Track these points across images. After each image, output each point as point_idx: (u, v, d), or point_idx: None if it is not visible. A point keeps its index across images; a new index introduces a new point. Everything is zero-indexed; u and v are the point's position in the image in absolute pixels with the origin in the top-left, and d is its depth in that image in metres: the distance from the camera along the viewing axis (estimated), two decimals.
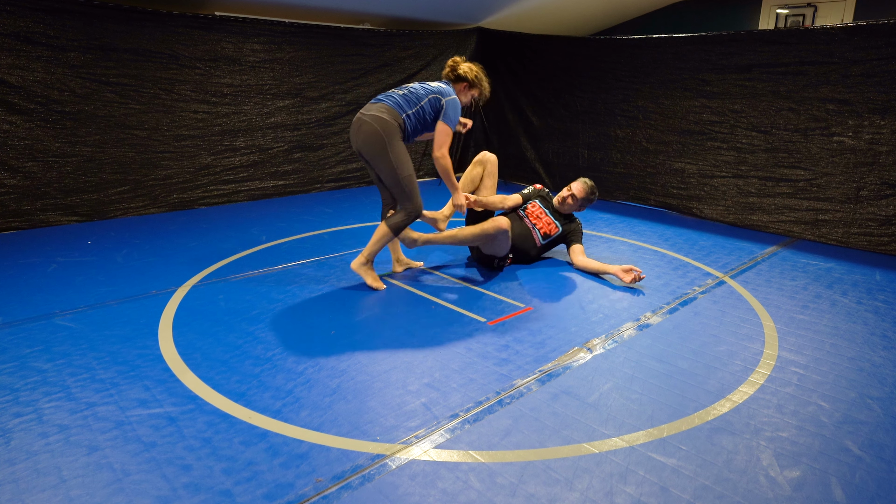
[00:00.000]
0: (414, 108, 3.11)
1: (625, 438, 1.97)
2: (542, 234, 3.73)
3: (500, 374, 2.40)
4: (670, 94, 5.20)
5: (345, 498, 1.67)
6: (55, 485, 1.71)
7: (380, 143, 3.02)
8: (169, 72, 4.94)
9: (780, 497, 1.70)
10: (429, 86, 3.19)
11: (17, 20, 4.21)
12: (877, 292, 3.40)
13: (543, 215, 3.77)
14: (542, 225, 3.74)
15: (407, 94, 3.14)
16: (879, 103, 4.07)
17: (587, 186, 3.72)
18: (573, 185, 3.73)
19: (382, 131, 3.01)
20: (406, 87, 3.19)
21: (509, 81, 6.69)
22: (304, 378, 2.34)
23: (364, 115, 3.06)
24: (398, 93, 3.14)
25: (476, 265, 3.77)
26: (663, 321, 2.95)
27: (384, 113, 3.04)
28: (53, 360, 2.46)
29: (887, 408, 2.19)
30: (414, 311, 3.04)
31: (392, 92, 3.17)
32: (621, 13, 8.45)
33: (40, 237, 4.27)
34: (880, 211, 4.16)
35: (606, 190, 5.90)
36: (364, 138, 3.04)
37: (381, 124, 3.01)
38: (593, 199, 3.77)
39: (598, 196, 3.81)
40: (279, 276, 3.51)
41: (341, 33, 5.94)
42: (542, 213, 3.78)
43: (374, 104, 3.11)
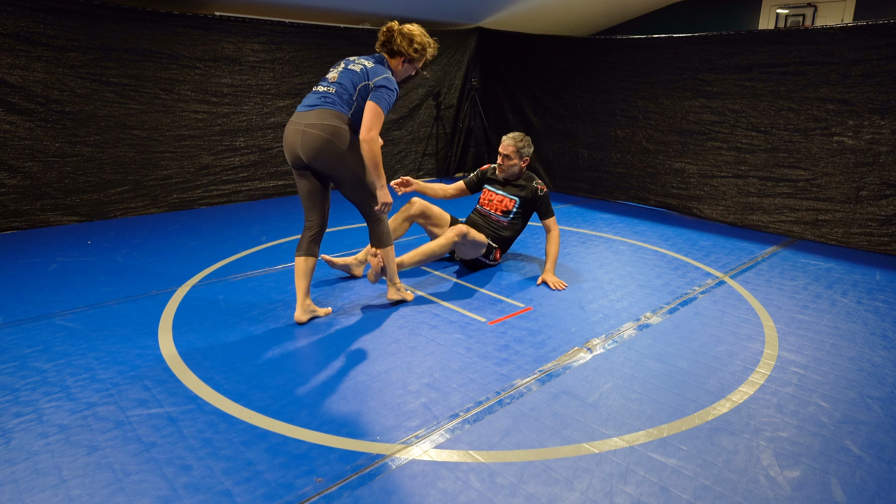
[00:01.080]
0: (350, 106, 2.73)
1: (625, 438, 1.97)
2: (500, 213, 3.67)
3: (500, 374, 2.40)
4: (670, 94, 5.20)
5: (345, 498, 1.67)
6: (55, 485, 1.71)
7: (335, 149, 2.66)
8: (169, 72, 4.95)
9: (780, 497, 1.70)
10: (355, 72, 2.74)
11: (17, 20, 4.21)
12: (877, 292, 3.40)
13: (494, 196, 3.71)
14: (497, 205, 3.69)
15: (339, 90, 2.72)
16: (879, 103, 4.07)
17: (513, 139, 3.59)
18: (501, 147, 3.61)
19: (334, 138, 2.65)
20: (334, 83, 2.74)
21: (509, 81, 6.69)
22: (304, 378, 2.34)
23: (309, 127, 2.65)
24: (330, 91, 2.72)
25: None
26: (663, 321, 2.95)
27: (330, 118, 2.66)
28: (53, 360, 2.46)
29: (887, 408, 2.19)
30: (414, 311, 3.04)
31: (323, 92, 2.73)
32: (621, 13, 8.45)
33: (40, 237, 4.27)
34: (880, 211, 4.16)
35: (606, 190, 5.90)
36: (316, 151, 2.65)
37: (331, 131, 2.65)
38: (526, 145, 3.61)
39: (530, 142, 3.65)
40: (279, 276, 3.51)
41: (341, 33, 5.94)
42: (493, 194, 3.73)
43: (312, 111, 2.68)
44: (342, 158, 2.69)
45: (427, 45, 2.90)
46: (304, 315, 2.87)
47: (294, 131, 2.69)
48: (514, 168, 3.63)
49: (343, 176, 2.75)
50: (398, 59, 2.86)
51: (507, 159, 3.60)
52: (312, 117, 2.66)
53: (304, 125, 2.66)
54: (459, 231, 3.34)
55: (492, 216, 3.70)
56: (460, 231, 3.34)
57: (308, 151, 2.66)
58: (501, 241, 3.70)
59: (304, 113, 2.70)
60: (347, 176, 2.75)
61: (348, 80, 2.74)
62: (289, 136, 2.72)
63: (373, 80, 2.71)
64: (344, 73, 2.76)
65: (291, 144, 2.71)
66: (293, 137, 2.70)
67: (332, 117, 2.67)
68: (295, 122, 2.71)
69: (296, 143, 2.68)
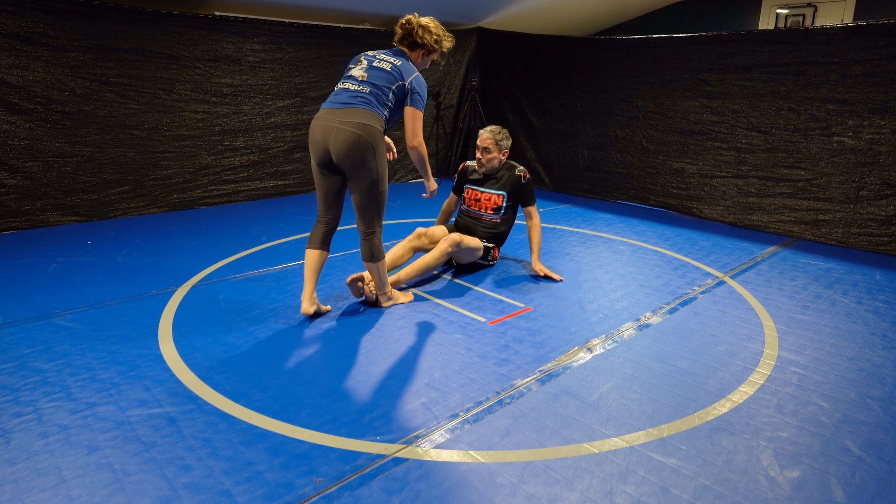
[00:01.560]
0: (387, 108, 2.76)
1: (625, 438, 1.97)
2: (491, 211, 3.62)
3: (500, 374, 2.39)
4: (670, 94, 5.20)
5: (345, 498, 1.67)
6: (55, 485, 1.71)
7: (368, 151, 2.66)
8: (169, 72, 4.95)
9: (780, 497, 1.70)
10: (384, 70, 2.74)
11: (17, 20, 4.21)
12: (877, 292, 3.40)
13: (481, 195, 3.65)
14: (485, 204, 3.63)
15: (373, 90, 2.72)
16: (879, 103, 4.07)
17: (490, 131, 3.55)
18: (479, 141, 3.57)
19: (371, 139, 2.66)
20: (366, 82, 2.73)
21: (509, 81, 6.69)
22: (304, 378, 2.34)
23: (344, 125, 2.63)
24: (364, 91, 2.71)
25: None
26: (663, 321, 2.95)
27: (368, 118, 2.67)
28: (53, 360, 2.46)
29: (887, 408, 2.19)
30: (414, 311, 3.04)
31: (356, 91, 2.72)
32: (621, 13, 8.45)
33: (40, 237, 4.27)
34: (880, 211, 4.16)
35: (606, 190, 5.90)
36: (349, 148, 2.64)
37: (369, 132, 2.65)
38: (504, 137, 3.57)
39: (507, 134, 3.61)
40: (279, 276, 3.51)
41: (341, 33, 5.94)
42: (478, 193, 3.66)
43: (348, 109, 2.67)
44: (372, 159, 2.68)
45: (444, 36, 2.94)
46: (312, 306, 2.86)
47: (326, 127, 2.66)
48: (493, 161, 3.58)
49: (366, 177, 2.72)
50: (419, 52, 2.89)
51: (487, 152, 3.55)
52: (349, 115, 2.64)
53: (339, 122, 2.64)
54: (452, 241, 3.32)
55: (483, 216, 3.65)
56: (453, 241, 3.32)
57: (341, 148, 2.63)
58: (498, 237, 3.69)
59: (339, 110, 2.67)
60: (369, 178, 2.72)
61: (382, 79, 2.73)
62: (318, 133, 2.68)
63: (407, 79, 2.75)
64: (373, 71, 2.75)
65: (321, 141, 2.68)
66: (324, 133, 2.66)
67: (369, 117, 2.67)
68: (327, 119, 2.67)
69: (328, 140, 2.65)
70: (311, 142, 2.73)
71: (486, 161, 3.57)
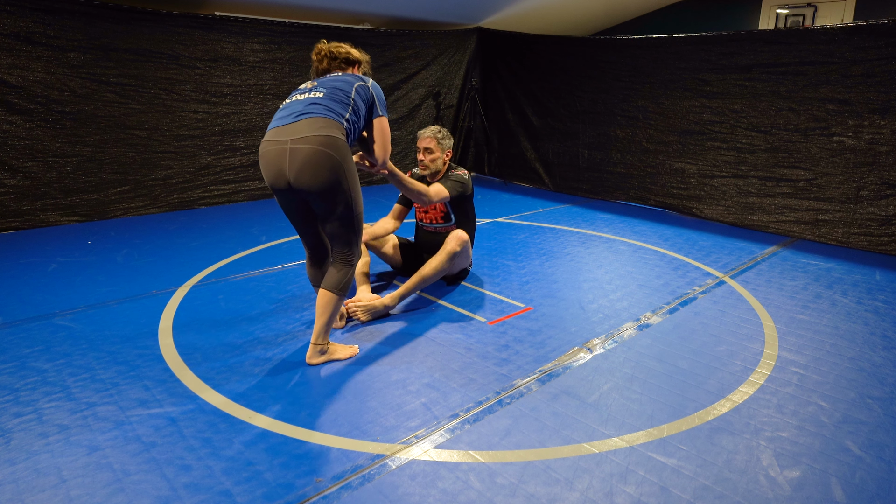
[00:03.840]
0: (349, 110, 2.30)
1: (625, 438, 1.97)
2: (440, 220, 3.39)
3: (500, 374, 2.39)
4: (670, 94, 5.20)
5: (345, 498, 1.67)
6: (55, 485, 1.71)
7: (336, 170, 2.20)
8: (169, 72, 4.95)
9: (780, 497, 1.70)
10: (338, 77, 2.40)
11: (17, 20, 4.21)
12: (877, 292, 3.40)
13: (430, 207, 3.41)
14: (434, 215, 3.41)
15: (331, 94, 2.30)
16: (879, 103, 4.07)
17: (430, 130, 3.31)
18: (419, 142, 3.31)
19: (336, 153, 2.19)
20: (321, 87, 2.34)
21: (509, 81, 6.69)
22: (304, 378, 2.34)
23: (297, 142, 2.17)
24: (318, 96, 2.29)
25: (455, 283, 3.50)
26: (663, 321, 2.95)
27: (326, 128, 2.20)
28: (53, 360, 2.46)
29: (887, 408, 2.19)
30: (414, 311, 3.04)
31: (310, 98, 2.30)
32: (621, 13, 8.45)
33: (40, 237, 4.27)
34: (880, 211, 4.16)
35: (606, 190, 5.90)
36: (311, 171, 2.17)
37: (330, 144, 2.18)
38: (445, 136, 3.33)
39: (448, 133, 3.36)
40: (279, 276, 3.51)
41: (341, 33, 5.94)
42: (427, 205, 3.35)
43: (298, 122, 2.21)
44: (342, 179, 2.24)
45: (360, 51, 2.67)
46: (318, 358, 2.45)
47: (277, 152, 2.20)
48: (437, 162, 3.30)
49: (338, 201, 2.26)
50: (351, 70, 2.57)
51: (429, 153, 3.28)
52: (301, 129, 2.19)
53: (291, 141, 2.18)
54: (460, 239, 3.13)
55: (439, 228, 3.41)
56: (461, 239, 3.13)
57: (300, 173, 2.18)
58: None
59: (288, 127, 2.22)
60: (342, 201, 2.27)
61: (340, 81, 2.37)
62: (268, 160, 2.24)
63: (367, 81, 2.42)
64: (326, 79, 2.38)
65: (274, 170, 2.23)
66: (276, 159, 2.21)
67: (327, 126, 2.21)
68: (276, 141, 2.22)
69: (282, 166, 2.20)
70: (264, 173, 2.29)
71: (430, 162, 3.30)
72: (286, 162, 2.19)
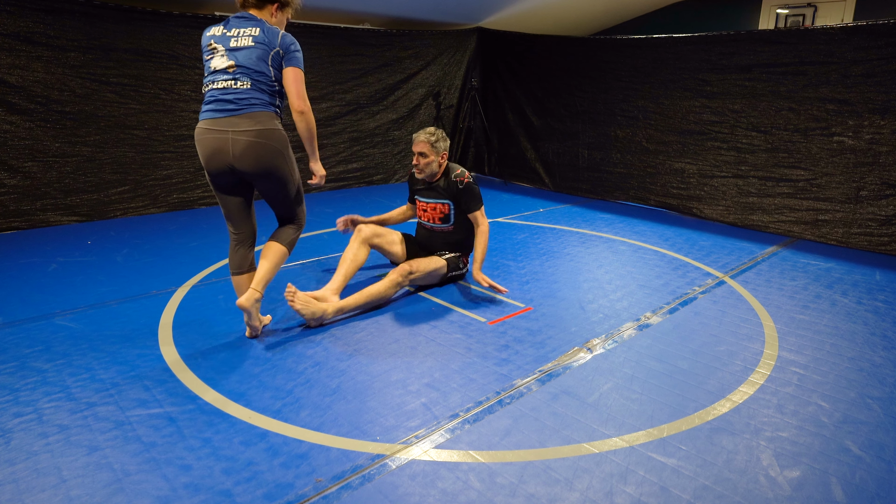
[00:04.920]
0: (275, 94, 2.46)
1: (625, 438, 1.97)
2: (439, 221, 3.38)
3: (500, 374, 2.39)
4: (670, 94, 5.20)
5: (345, 498, 1.67)
6: (55, 485, 1.71)
7: (277, 157, 2.44)
8: (169, 72, 4.95)
9: (780, 497, 1.70)
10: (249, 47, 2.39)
11: (17, 20, 4.21)
12: (877, 292, 3.40)
13: (427, 204, 3.40)
14: (432, 214, 3.39)
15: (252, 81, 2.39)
16: (879, 103, 4.07)
17: (425, 133, 3.26)
18: (414, 146, 3.28)
19: (277, 143, 2.43)
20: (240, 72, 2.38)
21: (509, 81, 6.69)
22: (304, 378, 2.34)
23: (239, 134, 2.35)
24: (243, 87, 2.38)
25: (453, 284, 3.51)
26: (663, 321, 2.95)
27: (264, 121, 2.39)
28: (53, 360, 2.46)
29: (887, 408, 2.19)
30: (414, 311, 3.04)
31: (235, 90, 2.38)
32: (621, 13, 8.45)
33: (40, 237, 4.27)
34: (880, 211, 4.16)
35: (606, 190, 5.90)
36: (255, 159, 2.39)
37: (271, 136, 2.41)
38: (440, 139, 3.28)
39: (444, 136, 3.31)
40: (279, 276, 3.50)
41: (341, 33, 5.94)
42: (425, 203, 3.41)
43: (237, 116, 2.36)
44: (283, 164, 2.48)
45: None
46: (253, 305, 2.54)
47: (218, 140, 2.36)
48: (431, 165, 3.28)
49: (274, 186, 2.51)
50: (269, 9, 2.50)
51: (423, 157, 3.26)
52: (241, 122, 2.36)
53: (233, 132, 2.35)
54: (402, 272, 3.05)
55: (435, 228, 3.41)
56: (403, 272, 3.05)
57: (245, 160, 2.38)
58: (458, 246, 3.44)
59: (227, 119, 2.36)
60: (280, 187, 2.52)
61: (252, 60, 2.38)
62: (210, 147, 2.38)
63: (278, 42, 2.40)
64: (236, 54, 2.38)
65: (218, 156, 2.38)
66: (219, 147, 2.36)
67: (265, 118, 2.40)
68: (217, 130, 2.36)
69: (225, 153, 2.36)
70: (205, 158, 2.43)
71: (424, 166, 3.27)
72: (229, 149, 2.37)
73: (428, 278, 3.25)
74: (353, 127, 6.28)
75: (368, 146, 6.43)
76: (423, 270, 3.17)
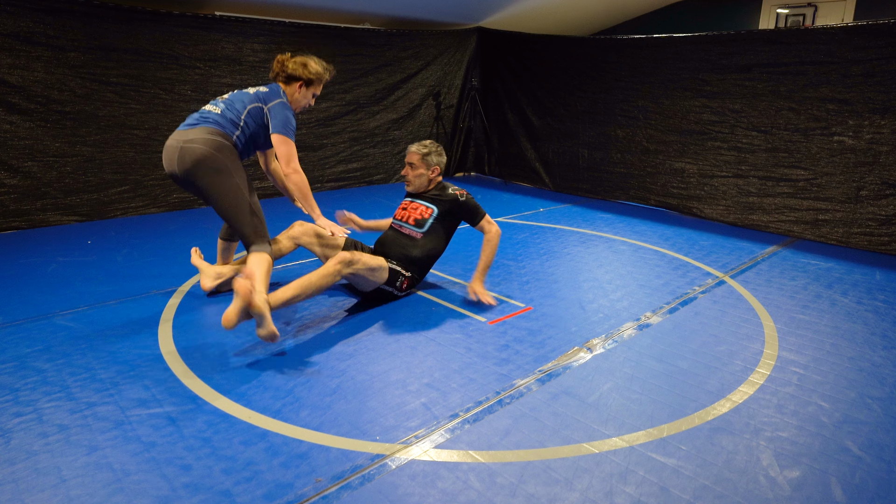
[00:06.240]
0: (237, 127, 2.68)
1: (625, 438, 1.97)
2: (413, 223, 3.18)
3: (500, 374, 2.39)
4: (670, 94, 5.20)
5: (345, 498, 1.67)
6: (55, 485, 1.71)
7: (215, 163, 2.56)
8: (169, 72, 4.95)
9: (780, 497, 1.70)
10: (247, 93, 2.72)
11: (17, 20, 4.21)
12: (877, 292, 3.40)
13: (409, 204, 3.28)
14: (412, 213, 3.22)
15: (225, 109, 2.67)
16: (879, 103, 4.07)
17: (420, 144, 3.20)
18: (407, 156, 3.23)
19: (214, 149, 2.57)
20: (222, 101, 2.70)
21: (509, 81, 6.69)
22: (304, 378, 2.34)
23: (185, 142, 2.56)
24: (215, 111, 2.66)
25: None
26: (663, 321, 2.95)
27: (210, 133, 2.59)
28: (53, 360, 2.46)
29: (887, 408, 2.19)
30: (414, 311, 3.03)
31: (207, 111, 2.68)
32: (621, 13, 8.45)
33: (40, 237, 4.27)
34: (880, 211, 4.16)
35: (606, 190, 5.90)
36: (191, 164, 2.55)
37: (213, 145, 2.56)
38: (433, 152, 3.19)
39: (440, 150, 3.24)
40: (279, 277, 3.50)
41: (341, 33, 5.94)
42: (408, 203, 3.30)
43: (192, 129, 2.61)
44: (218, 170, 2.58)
45: (322, 71, 2.90)
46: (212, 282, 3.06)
47: (169, 148, 2.61)
48: (421, 179, 3.19)
49: (219, 191, 2.60)
50: (295, 85, 2.83)
51: (412, 168, 3.18)
52: (191, 133, 2.59)
53: (182, 142, 2.57)
54: (342, 259, 2.68)
55: (404, 229, 3.19)
56: (342, 259, 2.68)
57: (185, 166, 2.56)
58: (411, 263, 3.12)
59: (184, 131, 2.61)
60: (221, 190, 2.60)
61: (238, 99, 2.70)
62: (166, 153, 2.64)
63: (268, 104, 2.69)
64: (236, 94, 2.73)
65: (167, 164, 2.65)
66: (169, 155, 2.62)
67: (212, 132, 2.60)
68: (173, 139, 2.62)
69: (172, 161, 2.60)
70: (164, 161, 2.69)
71: (413, 178, 3.19)
72: (175, 158, 2.59)
73: (365, 280, 2.91)
74: (353, 127, 6.28)
75: (368, 146, 6.43)
76: (364, 264, 2.78)
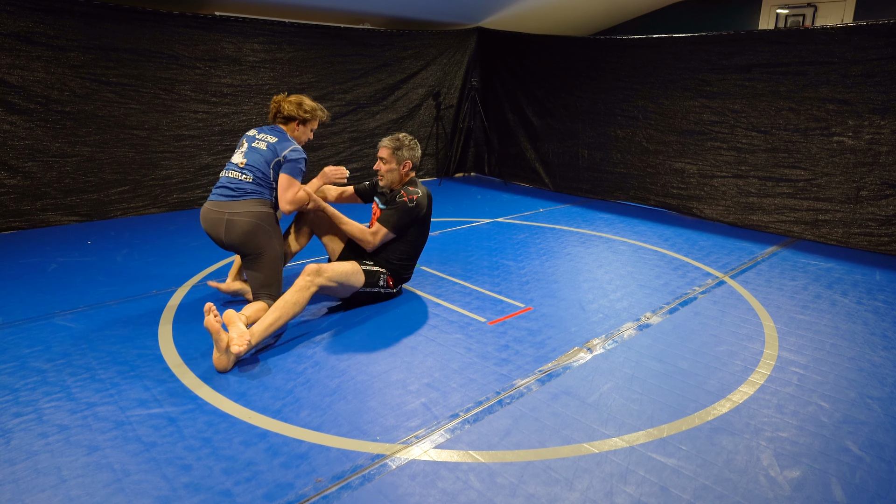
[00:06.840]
0: (272, 189, 2.88)
1: (625, 438, 1.97)
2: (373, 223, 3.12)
3: (500, 374, 2.39)
4: (670, 94, 5.20)
5: (345, 498, 1.67)
6: (55, 485, 1.71)
7: (262, 233, 2.78)
8: (169, 72, 4.94)
9: (780, 497, 1.70)
10: (261, 151, 2.85)
11: (17, 20, 4.21)
12: (877, 292, 3.40)
13: (378, 209, 3.15)
14: (374, 213, 3.17)
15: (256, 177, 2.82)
16: (879, 103, 4.07)
17: (390, 139, 3.07)
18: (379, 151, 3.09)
19: (264, 223, 2.79)
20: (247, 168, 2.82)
21: (509, 81, 6.69)
22: (304, 378, 2.34)
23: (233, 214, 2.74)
24: (248, 181, 2.81)
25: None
26: (663, 321, 2.95)
27: (256, 205, 2.79)
28: (53, 360, 2.46)
29: (887, 408, 2.19)
30: (414, 311, 3.03)
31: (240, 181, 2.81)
32: (622, 13, 8.45)
33: (40, 237, 4.27)
34: (880, 211, 4.16)
35: (606, 190, 5.90)
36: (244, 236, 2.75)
37: (260, 217, 2.78)
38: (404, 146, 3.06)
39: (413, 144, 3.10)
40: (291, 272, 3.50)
41: (341, 33, 5.94)
42: (376, 207, 3.18)
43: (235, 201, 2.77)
44: (269, 241, 2.82)
45: (315, 108, 3.06)
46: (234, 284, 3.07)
47: (216, 220, 2.78)
48: (392, 174, 3.06)
49: (265, 257, 2.82)
50: (293, 124, 3.01)
51: (383, 162, 3.05)
52: (237, 207, 2.77)
53: (228, 214, 2.76)
54: (308, 270, 2.68)
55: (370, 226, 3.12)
56: (309, 270, 2.68)
57: (236, 238, 2.77)
58: (383, 260, 3.08)
59: (227, 203, 2.79)
60: (268, 257, 2.83)
61: (260, 161, 2.85)
62: (208, 225, 2.82)
63: (282, 153, 2.86)
64: (251, 153, 2.87)
65: (212, 233, 2.82)
66: (214, 225, 2.79)
67: (257, 205, 2.80)
68: (216, 211, 2.79)
69: (219, 231, 2.78)
70: (206, 229, 2.86)
71: (384, 172, 3.06)
72: (223, 228, 2.77)
73: (343, 287, 2.86)
74: (353, 127, 6.28)
75: (368, 146, 6.43)
76: (334, 273, 2.76)
